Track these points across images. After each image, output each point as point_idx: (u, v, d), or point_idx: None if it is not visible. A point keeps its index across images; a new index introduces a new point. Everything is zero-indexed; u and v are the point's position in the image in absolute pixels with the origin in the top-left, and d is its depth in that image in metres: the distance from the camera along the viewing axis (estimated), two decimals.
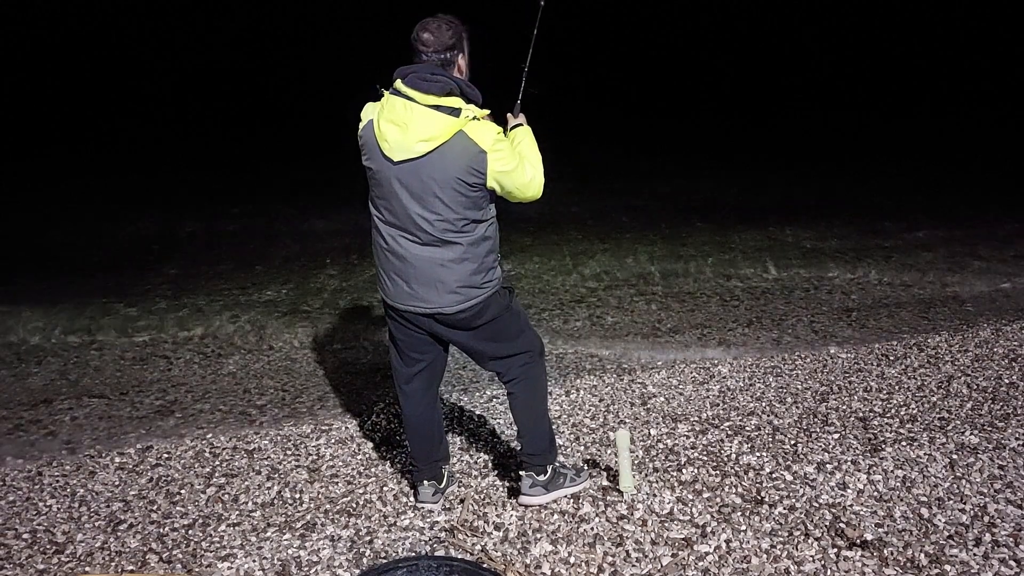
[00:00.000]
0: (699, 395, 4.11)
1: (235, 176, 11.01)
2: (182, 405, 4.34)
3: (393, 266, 2.67)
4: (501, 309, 2.75)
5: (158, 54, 19.49)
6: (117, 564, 2.79)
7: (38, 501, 3.25)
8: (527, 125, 2.79)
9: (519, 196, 2.63)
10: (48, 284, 6.41)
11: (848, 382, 4.23)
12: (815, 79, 18.43)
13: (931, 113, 15.12)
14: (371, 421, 3.91)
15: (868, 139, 13.01)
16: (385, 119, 2.50)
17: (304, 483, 3.31)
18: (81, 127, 14.50)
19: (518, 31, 3.04)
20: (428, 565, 2.41)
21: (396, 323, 2.81)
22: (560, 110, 12.82)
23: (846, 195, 9.47)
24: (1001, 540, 2.70)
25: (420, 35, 2.52)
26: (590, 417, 3.87)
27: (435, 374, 2.96)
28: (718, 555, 2.68)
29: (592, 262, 6.98)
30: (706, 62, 20.30)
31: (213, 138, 13.84)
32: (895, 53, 19.44)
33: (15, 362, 5.05)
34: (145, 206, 9.32)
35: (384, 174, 2.56)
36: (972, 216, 8.20)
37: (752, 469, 3.26)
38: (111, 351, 5.20)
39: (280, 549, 2.82)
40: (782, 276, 6.53)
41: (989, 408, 3.82)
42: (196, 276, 6.66)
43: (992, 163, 10.99)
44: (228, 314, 5.76)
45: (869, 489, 3.07)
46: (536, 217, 8.08)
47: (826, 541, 2.73)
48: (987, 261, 6.78)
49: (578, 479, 3.08)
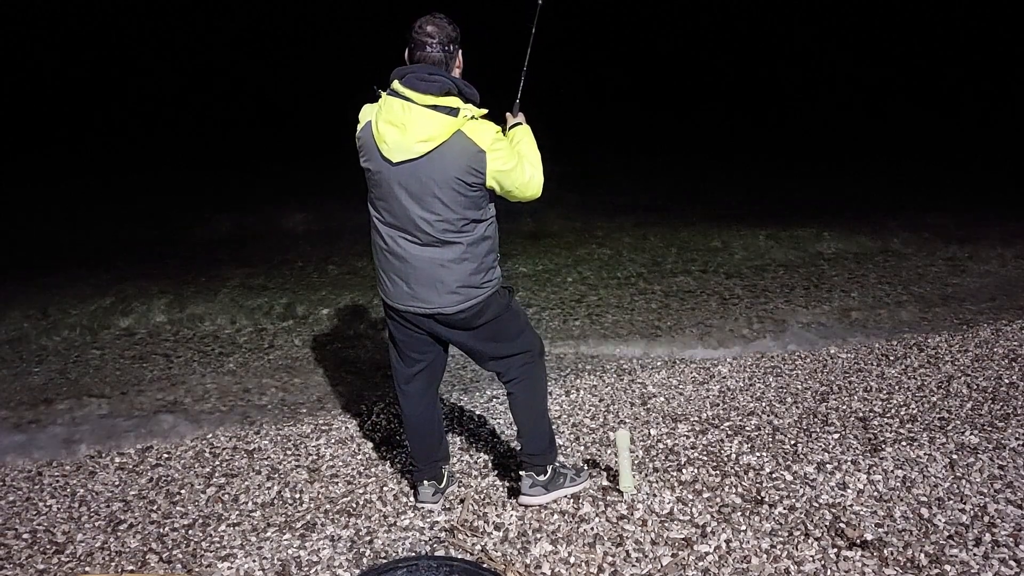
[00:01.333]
0: (699, 395, 4.11)
1: (235, 175, 11.00)
2: (182, 405, 4.35)
3: (393, 267, 2.67)
4: (501, 309, 2.75)
5: (158, 54, 19.49)
6: (117, 564, 2.79)
7: (38, 501, 3.25)
8: (526, 124, 2.79)
9: (518, 196, 2.63)
10: (48, 284, 6.41)
11: (848, 382, 4.23)
12: (816, 78, 18.42)
13: (931, 113, 15.11)
14: (371, 421, 3.91)
15: (868, 138, 13.00)
16: (383, 120, 2.50)
17: (304, 483, 3.31)
18: (81, 127, 14.50)
19: (517, 30, 3.04)
20: (428, 565, 2.41)
21: (396, 323, 2.81)
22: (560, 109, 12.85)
23: (846, 194, 9.47)
24: (1001, 540, 2.70)
25: (424, 27, 2.51)
26: (590, 417, 3.87)
27: (435, 374, 2.96)
28: (718, 555, 2.68)
29: (592, 262, 6.98)
30: (707, 60, 20.29)
31: (213, 138, 13.83)
32: (895, 53, 19.44)
33: (16, 361, 5.05)
34: (145, 206, 9.32)
35: (383, 175, 2.56)
36: (972, 216, 8.19)
37: (752, 469, 3.26)
38: (111, 350, 5.21)
39: (280, 549, 2.82)
40: (782, 276, 6.52)
41: (989, 408, 3.82)
42: (196, 275, 6.65)
43: (992, 163, 10.98)
44: (228, 314, 5.76)
45: (869, 489, 3.07)
46: (536, 216, 8.08)
47: (826, 541, 2.73)
48: (987, 261, 6.78)
49: (578, 479, 3.08)
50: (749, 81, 18.59)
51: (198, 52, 19.46)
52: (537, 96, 2.93)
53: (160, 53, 19.55)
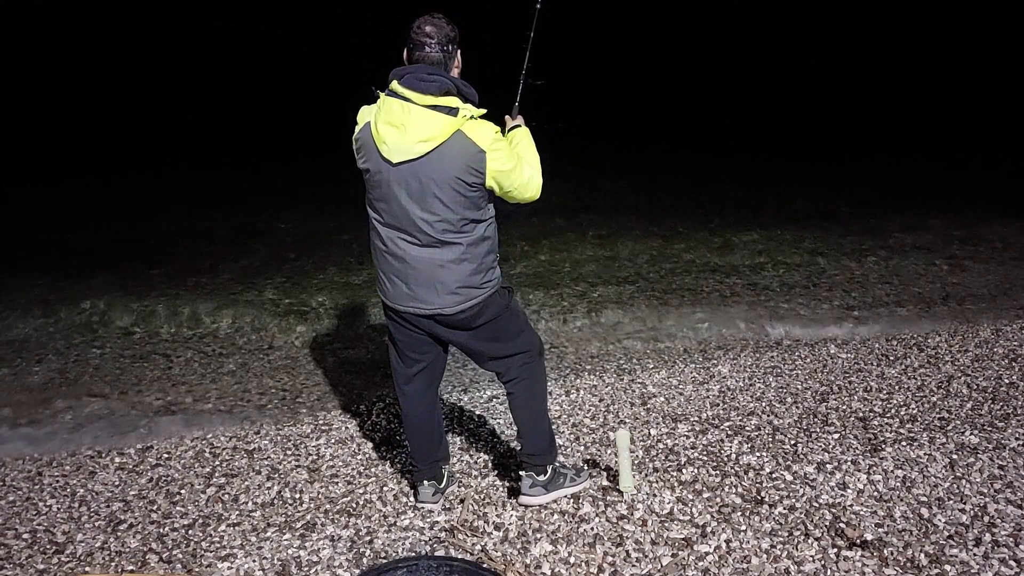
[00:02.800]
0: (699, 395, 4.11)
1: (235, 175, 11.00)
2: (182, 405, 4.35)
3: (392, 268, 2.67)
4: (500, 309, 2.75)
5: (158, 54, 19.49)
6: (117, 564, 2.79)
7: (38, 501, 3.25)
8: (525, 127, 2.79)
9: (517, 196, 2.63)
10: (48, 283, 6.40)
11: (848, 382, 4.23)
12: (816, 77, 18.42)
13: (931, 113, 15.11)
14: (371, 421, 3.91)
15: (868, 138, 13.00)
16: (383, 121, 2.50)
17: (304, 483, 3.31)
18: (81, 127, 14.50)
19: (516, 31, 3.03)
20: (428, 565, 2.41)
21: (396, 324, 2.81)
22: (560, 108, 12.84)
23: (846, 194, 9.46)
24: (1001, 540, 2.70)
25: (423, 28, 2.51)
26: (590, 417, 3.87)
27: (434, 374, 2.96)
28: (718, 555, 2.68)
29: (592, 261, 6.98)
30: (707, 60, 20.29)
31: (213, 137, 13.84)
32: (895, 53, 19.44)
33: (16, 360, 5.05)
34: (145, 205, 9.31)
35: (383, 176, 2.55)
36: (972, 216, 8.19)
37: (752, 469, 3.26)
38: (111, 350, 5.20)
39: (280, 549, 2.82)
40: (782, 275, 6.52)
41: (989, 408, 3.82)
42: (196, 275, 6.65)
43: (992, 163, 10.98)
44: (228, 314, 5.76)
45: (869, 489, 3.07)
46: (536, 216, 8.08)
47: (826, 541, 2.73)
48: (987, 261, 6.78)
49: (578, 479, 3.08)
50: (749, 81, 18.59)
51: (198, 52, 19.46)
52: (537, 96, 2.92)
53: (160, 53, 19.56)
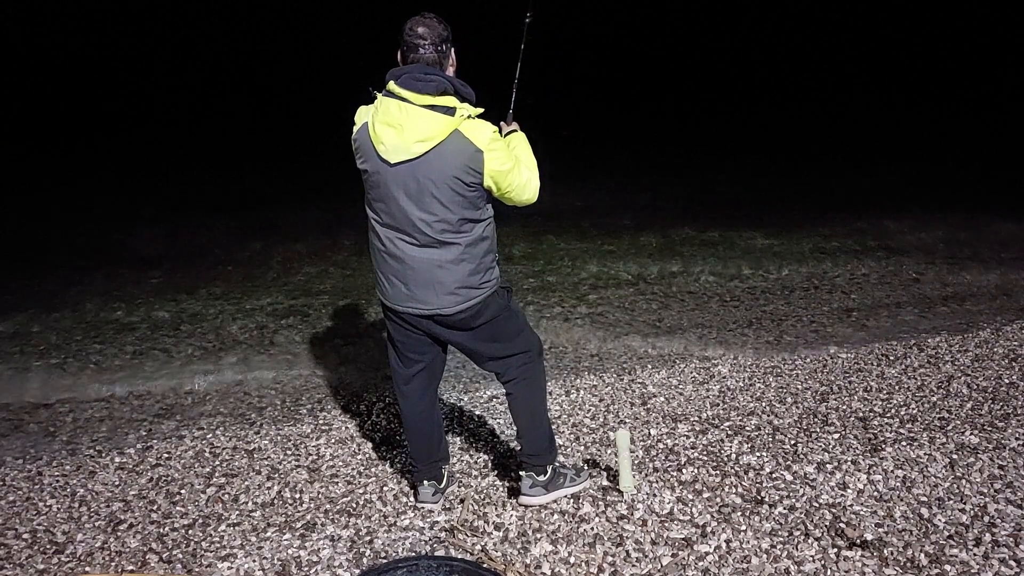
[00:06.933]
0: (699, 395, 4.11)
1: (235, 175, 11.01)
2: (182, 405, 4.35)
3: (391, 268, 2.67)
4: (500, 309, 2.75)
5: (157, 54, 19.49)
6: (117, 564, 2.78)
7: (38, 501, 3.25)
8: (521, 132, 2.79)
9: (515, 198, 2.62)
10: (49, 283, 6.41)
11: (848, 382, 4.23)
12: (815, 77, 18.43)
13: (931, 112, 15.11)
14: (371, 421, 3.91)
15: (868, 138, 13.01)
16: (380, 121, 2.50)
17: (304, 483, 3.31)
18: (81, 127, 14.50)
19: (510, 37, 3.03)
20: (428, 565, 2.41)
21: (395, 324, 2.81)
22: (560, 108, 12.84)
23: (846, 194, 9.47)
24: (1001, 540, 2.70)
25: (415, 29, 2.50)
26: (590, 417, 3.87)
27: (434, 374, 2.96)
28: (718, 555, 2.68)
29: (592, 261, 6.98)
30: (707, 60, 20.29)
31: (213, 137, 13.84)
32: (895, 52, 19.44)
33: (16, 359, 5.05)
34: (145, 206, 9.32)
35: (381, 177, 2.55)
36: (972, 216, 8.19)
37: (752, 469, 3.26)
38: (111, 349, 5.20)
39: (280, 549, 2.82)
40: (782, 276, 6.53)
41: (989, 408, 3.82)
42: (196, 275, 6.65)
43: (992, 162, 10.99)
44: (229, 313, 5.76)
45: (869, 489, 3.07)
46: (535, 216, 8.08)
47: (826, 541, 2.73)
48: (987, 261, 6.78)
49: (578, 479, 3.08)
50: (749, 81, 18.59)
51: (198, 52, 19.46)
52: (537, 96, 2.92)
53: (160, 53, 19.56)
